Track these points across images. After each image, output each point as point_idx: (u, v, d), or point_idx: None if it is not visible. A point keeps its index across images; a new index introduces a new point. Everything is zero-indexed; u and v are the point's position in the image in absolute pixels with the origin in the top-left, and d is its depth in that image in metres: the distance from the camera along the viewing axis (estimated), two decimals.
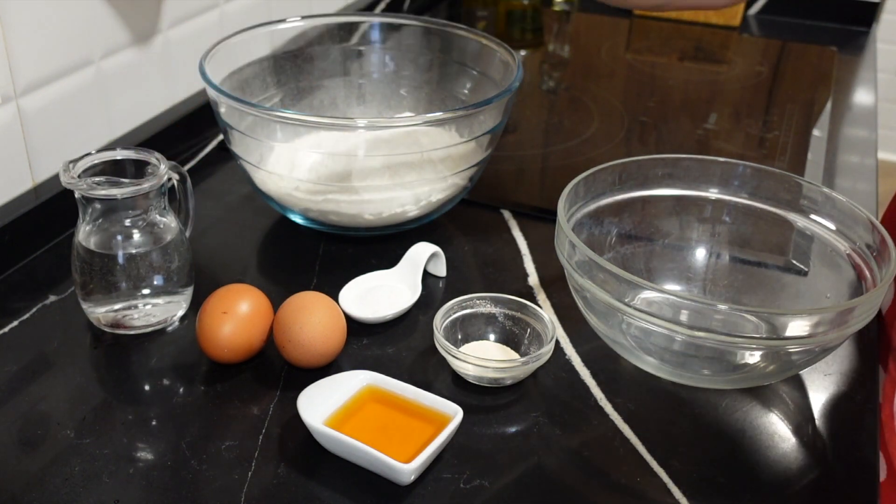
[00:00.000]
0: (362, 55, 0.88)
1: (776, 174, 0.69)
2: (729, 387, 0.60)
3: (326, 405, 0.55)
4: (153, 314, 0.64)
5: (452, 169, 0.73)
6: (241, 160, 0.73)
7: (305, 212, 0.73)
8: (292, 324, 0.59)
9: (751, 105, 1.09)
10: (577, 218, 0.66)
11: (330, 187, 0.71)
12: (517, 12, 1.32)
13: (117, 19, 0.81)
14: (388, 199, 0.72)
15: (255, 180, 0.74)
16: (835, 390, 0.62)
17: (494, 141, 0.75)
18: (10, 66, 0.70)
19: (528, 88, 1.17)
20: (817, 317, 0.53)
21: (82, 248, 0.62)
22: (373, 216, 0.72)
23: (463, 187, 0.76)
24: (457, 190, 0.75)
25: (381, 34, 0.88)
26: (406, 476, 0.51)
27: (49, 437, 0.55)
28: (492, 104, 0.70)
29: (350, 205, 0.72)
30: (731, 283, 0.69)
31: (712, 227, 0.70)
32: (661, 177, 0.70)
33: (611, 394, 0.60)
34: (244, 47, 0.80)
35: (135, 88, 0.85)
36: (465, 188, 0.77)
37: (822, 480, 0.55)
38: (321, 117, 0.73)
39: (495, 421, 0.58)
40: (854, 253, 0.63)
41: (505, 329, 0.63)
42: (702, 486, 0.53)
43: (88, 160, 0.62)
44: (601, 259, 0.56)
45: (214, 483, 0.52)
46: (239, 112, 0.71)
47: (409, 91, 0.88)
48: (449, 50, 0.86)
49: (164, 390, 0.59)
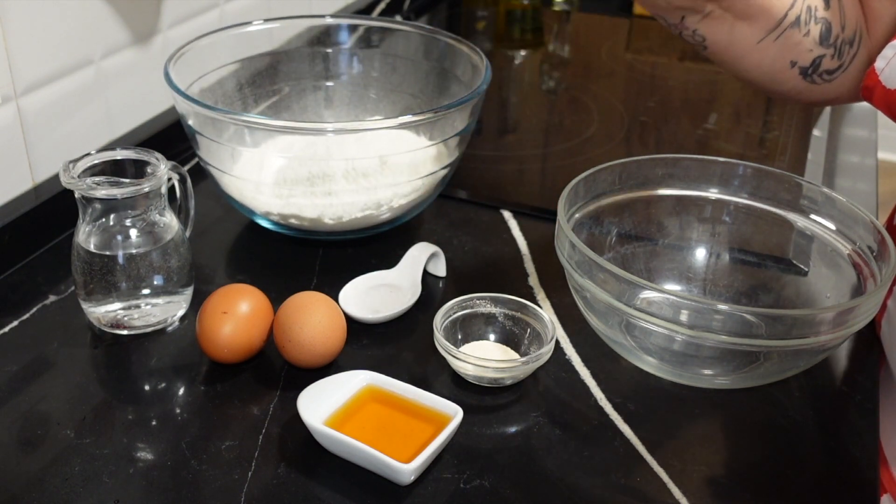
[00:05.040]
0: (330, 58, 0.87)
1: (776, 174, 0.69)
2: (729, 387, 0.60)
3: (326, 405, 0.55)
4: (153, 314, 0.64)
5: (422, 172, 0.73)
6: (209, 165, 0.73)
7: (268, 215, 0.73)
8: (292, 324, 0.59)
9: (751, 105, 1.09)
10: (577, 218, 0.66)
11: (294, 191, 0.71)
12: (517, 12, 1.32)
13: (117, 19, 0.81)
14: (361, 201, 0.71)
15: (222, 184, 0.74)
16: (835, 390, 0.62)
17: (464, 143, 0.75)
18: (10, 66, 0.70)
19: (528, 88, 1.17)
20: (817, 317, 0.53)
21: (82, 248, 0.62)
22: (349, 218, 0.72)
23: (436, 187, 0.76)
24: (429, 190, 0.75)
25: (350, 37, 0.88)
26: (406, 476, 0.51)
27: (49, 437, 0.55)
28: (460, 107, 0.69)
29: (328, 208, 0.71)
30: (731, 283, 0.69)
31: (712, 227, 0.70)
32: (661, 177, 0.70)
33: (611, 394, 0.60)
34: (211, 51, 0.79)
35: (135, 88, 0.85)
36: (439, 189, 0.76)
37: (822, 480, 0.55)
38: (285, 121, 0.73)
39: (495, 421, 0.58)
40: (854, 253, 0.63)
41: (505, 329, 0.63)
42: (702, 486, 0.53)
43: (88, 160, 0.62)
44: (601, 259, 0.56)
45: (214, 483, 0.52)
46: (205, 116, 0.70)
47: (378, 94, 0.87)
48: (418, 52, 0.85)
49: (164, 390, 0.59)
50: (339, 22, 0.87)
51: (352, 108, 0.88)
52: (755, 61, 0.68)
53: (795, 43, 0.67)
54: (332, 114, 0.87)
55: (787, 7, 0.65)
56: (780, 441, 0.57)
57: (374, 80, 0.87)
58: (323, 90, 0.87)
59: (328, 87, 0.88)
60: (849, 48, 0.68)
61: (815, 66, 0.68)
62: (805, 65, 0.68)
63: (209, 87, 0.79)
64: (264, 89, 0.85)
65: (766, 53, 0.67)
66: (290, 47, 0.86)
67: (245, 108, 0.83)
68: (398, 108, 0.86)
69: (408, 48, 0.86)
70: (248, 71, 0.83)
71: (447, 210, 0.82)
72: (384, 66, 0.87)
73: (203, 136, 0.70)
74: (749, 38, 0.67)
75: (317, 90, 0.87)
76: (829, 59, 0.68)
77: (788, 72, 0.68)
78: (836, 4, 0.67)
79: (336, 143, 0.71)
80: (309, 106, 0.87)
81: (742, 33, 0.67)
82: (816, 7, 0.66)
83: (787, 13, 0.65)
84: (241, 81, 0.83)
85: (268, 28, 0.83)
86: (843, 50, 0.67)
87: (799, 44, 0.67)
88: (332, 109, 0.88)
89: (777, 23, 0.66)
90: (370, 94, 0.87)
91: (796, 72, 0.68)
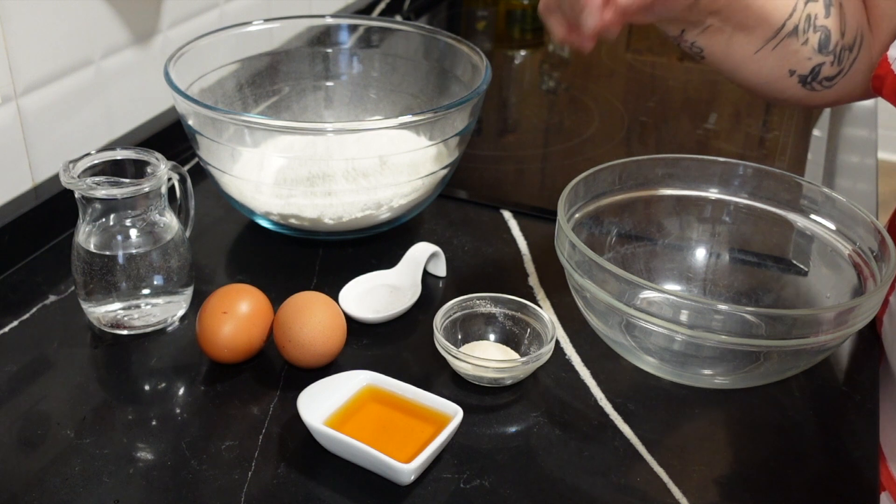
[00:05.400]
0: (330, 58, 0.87)
1: (776, 174, 0.69)
2: (729, 387, 0.60)
3: (326, 405, 0.55)
4: (153, 314, 0.64)
5: (422, 172, 0.73)
6: (209, 165, 0.73)
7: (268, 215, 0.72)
8: (292, 324, 0.59)
9: (751, 105, 1.09)
10: (577, 218, 0.66)
11: (294, 191, 0.71)
12: (517, 12, 1.32)
13: (117, 19, 0.81)
14: (361, 201, 0.71)
15: (222, 184, 0.74)
16: (835, 390, 0.62)
17: (464, 143, 0.75)
18: (10, 66, 0.70)
19: (529, 88, 1.17)
20: (817, 317, 0.54)
21: (82, 248, 0.62)
22: (349, 218, 0.72)
23: (436, 187, 0.76)
24: (429, 190, 0.75)
25: (350, 37, 0.87)
26: (406, 476, 0.51)
27: (49, 437, 0.55)
28: (460, 107, 0.69)
29: (328, 208, 0.71)
30: (731, 283, 0.69)
31: (712, 227, 0.70)
32: (661, 177, 0.70)
33: (611, 394, 0.60)
34: (211, 51, 0.79)
35: (135, 88, 0.85)
36: (439, 189, 0.76)
37: (822, 480, 0.55)
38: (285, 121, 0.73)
39: (495, 421, 0.58)
40: (854, 253, 0.63)
41: (505, 329, 0.63)
42: (702, 486, 0.53)
43: (88, 160, 0.62)
44: (601, 259, 0.56)
45: (214, 483, 0.52)
46: (205, 116, 0.70)
47: (378, 94, 0.87)
48: (418, 52, 0.85)
49: (164, 390, 0.59)
50: (339, 22, 0.87)
51: (352, 108, 0.88)
52: (753, 70, 0.68)
53: (793, 52, 0.66)
54: (332, 114, 0.87)
55: (785, 16, 0.65)
56: (780, 441, 0.57)
57: (374, 80, 0.87)
58: (323, 90, 0.87)
59: (328, 87, 0.87)
60: (849, 53, 0.67)
61: (814, 73, 0.67)
62: (804, 73, 0.67)
63: (209, 87, 0.79)
64: (264, 89, 0.85)
65: (764, 63, 0.67)
66: (290, 47, 0.86)
67: (245, 108, 0.83)
68: (398, 108, 0.86)
69: (408, 48, 0.86)
70: (248, 71, 0.83)
71: (447, 210, 0.82)
72: (384, 66, 0.87)
73: (203, 136, 0.70)
74: (746, 47, 0.66)
75: (317, 90, 0.87)
76: (829, 66, 0.67)
77: (787, 80, 0.68)
78: (837, 11, 0.67)
79: (336, 143, 0.71)
80: (309, 106, 0.87)
81: (739, 43, 0.66)
82: (817, 15, 0.66)
83: (785, 22, 0.65)
84: (241, 81, 0.83)
85: (268, 28, 0.83)
86: (842, 56, 0.67)
87: (797, 52, 0.66)
88: (332, 109, 0.87)
89: (775, 32, 0.65)
90: (370, 94, 0.87)
91: (795, 80, 0.68)
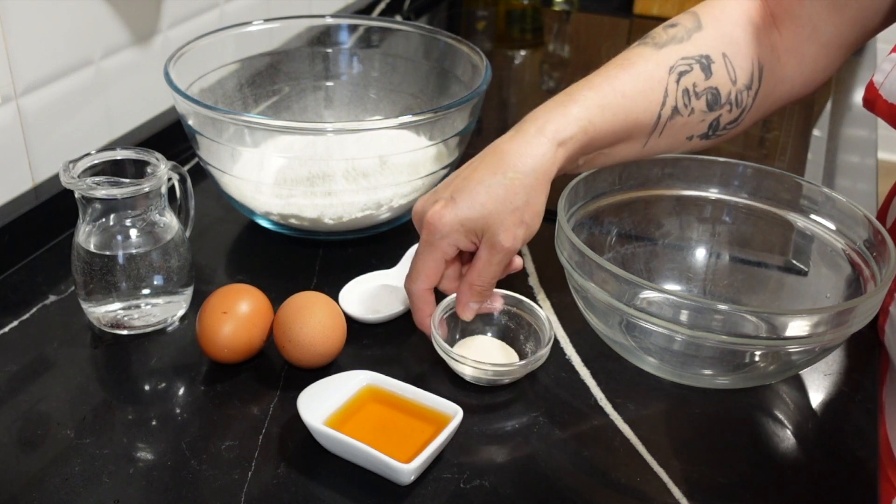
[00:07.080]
0: (330, 58, 0.87)
1: (776, 174, 0.69)
2: (729, 387, 0.60)
3: (326, 405, 0.55)
4: (153, 314, 0.64)
5: (422, 172, 0.73)
6: (209, 165, 0.73)
7: (268, 215, 0.73)
8: (292, 324, 0.59)
9: None
10: (577, 218, 0.66)
11: (294, 191, 0.71)
12: (517, 12, 1.32)
13: (117, 19, 0.81)
14: (361, 201, 0.71)
15: (222, 184, 0.74)
16: (835, 390, 0.62)
17: (464, 143, 0.75)
18: (10, 66, 0.70)
19: (529, 88, 1.17)
20: (817, 317, 0.53)
21: (82, 248, 0.62)
22: (349, 218, 0.72)
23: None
24: (429, 190, 0.74)
25: (350, 37, 0.88)
26: (406, 476, 0.51)
27: (49, 437, 0.55)
28: (460, 107, 0.69)
29: (328, 208, 0.71)
30: (731, 283, 0.69)
31: (712, 227, 0.70)
32: (661, 177, 0.70)
33: (611, 394, 0.60)
34: (211, 51, 0.79)
35: (135, 88, 0.85)
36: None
37: (822, 480, 0.55)
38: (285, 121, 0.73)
39: (495, 421, 0.57)
40: (854, 253, 0.63)
41: (502, 324, 0.63)
42: (702, 486, 0.53)
43: (88, 160, 0.62)
44: (601, 259, 0.56)
45: (214, 483, 0.52)
46: (205, 116, 0.70)
47: (378, 94, 0.87)
48: (418, 52, 0.85)
49: (164, 390, 0.59)
50: (339, 22, 0.87)
51: (352, 108, 0.88)
52: (649, 154, 0.66)
53: (682, 125, 0.63)
54: (332, 114, 0.87)
55: (657, 109, 0.62)
56: (781, 441, 0.57)
57: (374, 80, 0.87)
58: (323, 90, 0.87)
59: (328, 87, 0.88)
60: (748, 92, 0.64)
61: (713, 127, 0.65)
62: (703, 132, 0.65)
63: (209, 87, 0.79)
64: (264, 89, 0.85)
65: (657, 147, 0.65)
66: (290, 47, 0.86)
67: (245, 108, 0.83)
68: (398, 108, 0.86)
69: (408, 48, 0.86)
70: (248, 71, 0.83)
71: None
72: (384, 66, 0.87)
73: (203, 136, 0.71)
74: (632, 149, 0.64)
75: (317, 90, 0.87)
76: (728, 113, 0.64)
77: (688, 143, 0.66)
78: (722, 63, 0.63)
79: (336, 143, 0.71)
80: (309, 106, 0.87)
81: (623, 152, 0.64)
82: (695, 83, 0.62)
83: (660, 113, 0.62)
84: (241, 81, 0.83)
85: (268, 28, 0.83)
86: (740, 98, 0.64)
87: (686, 124, 0.64)
88: (332, 109, 0.88)
89: (653, 127, 0.62)
90: (370, 94, 0.87)
91: (696, 140, 0.66)
